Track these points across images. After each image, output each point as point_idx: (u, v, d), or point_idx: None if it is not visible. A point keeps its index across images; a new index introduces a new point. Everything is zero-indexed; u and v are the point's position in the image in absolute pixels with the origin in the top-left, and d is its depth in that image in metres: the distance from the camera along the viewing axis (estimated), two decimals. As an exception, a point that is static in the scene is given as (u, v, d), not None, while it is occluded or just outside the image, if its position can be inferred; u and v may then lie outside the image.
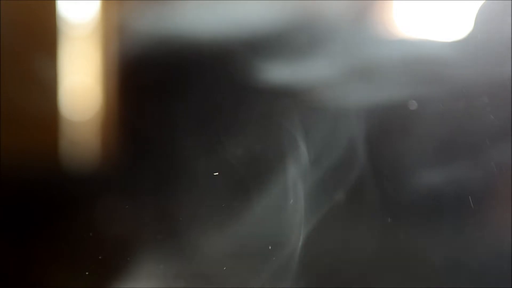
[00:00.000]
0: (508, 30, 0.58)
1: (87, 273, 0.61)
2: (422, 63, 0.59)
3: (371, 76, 0.59)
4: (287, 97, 0.59)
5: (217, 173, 0.59)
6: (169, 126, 0.65)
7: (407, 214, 0.58)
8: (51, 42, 0.67)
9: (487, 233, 0.57)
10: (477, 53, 0.59)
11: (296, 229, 0.58)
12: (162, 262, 0.61)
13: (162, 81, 0.66)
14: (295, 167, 0.58)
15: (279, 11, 0.63)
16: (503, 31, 0.59)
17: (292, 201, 0.58)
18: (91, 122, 0.67)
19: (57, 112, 0.67)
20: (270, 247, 0.59)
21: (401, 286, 0.58)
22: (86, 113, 0.67)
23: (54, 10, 0.67)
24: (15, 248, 0.63)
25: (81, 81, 0.67)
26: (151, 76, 0.67)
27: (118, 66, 0.67)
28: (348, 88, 0.59)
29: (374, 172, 0.59)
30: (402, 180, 0.58)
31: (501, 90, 0.57)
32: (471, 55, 0.59)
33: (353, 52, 0.60)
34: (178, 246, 0.61)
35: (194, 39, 0.64)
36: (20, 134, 0.66)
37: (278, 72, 0.60)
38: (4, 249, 0.63)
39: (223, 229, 0.60)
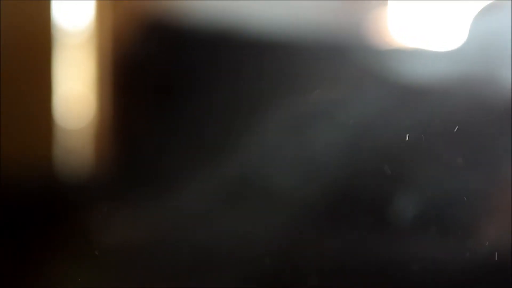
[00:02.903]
0: (502, 38, 0.59)
1: (83, 276, 0.61)
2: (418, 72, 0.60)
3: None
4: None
5: None
6: (163, 132, 0.65)
7: (405, 216, 0.58)
8: (46, 50, 0.67)
9: (487, 233, 0.57)
10: (473, 62, 0.59)
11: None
12: (157, 267, 0.61)
13: (157, 88, 0.66)
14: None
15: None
16: (497, 40, 0.59)
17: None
18: (85, 130, 0.67)
19: (52, 120, 0.67)
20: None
21: (398, 286, 0.58)
22: (81, 121, 0.67)
23: (49, 18, 0.67)
24: (11, 253, 0.63)
25: (76, 89, 0.67)
26: (146, 83, 0.67)
27: (113, 74, 0.67)
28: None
29: (371, 177, 0.59)
30: (399, 184, 0.59)
31: (499, 97, 0.57)
32: (466, 64, 0.59)
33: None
34: (173, 251, 0.61)
35: (197, 39, 0.64)
36: (15, 142, 0.66)
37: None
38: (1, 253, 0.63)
39: (219, 233, 0.60)
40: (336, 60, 0.61)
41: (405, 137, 0.58)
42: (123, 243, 0.62)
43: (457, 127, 0.56)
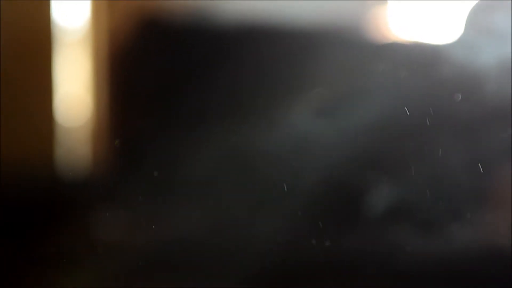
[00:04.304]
0: (499, 30, 0.59)
1: (82, 277, 0.61)
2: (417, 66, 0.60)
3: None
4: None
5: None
6: (162, 130, 0.65)
7: (404, 214, 0.58)
8: (46, 48, 0.66)
9: (487, 232, 0.58)
10: (471, 54, 0.59)
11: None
12: (157, 267, 0.61)
13: (155, 86, 0.66)
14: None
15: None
16: (495, 32, 0.59)
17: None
18: (84, 128, 0.67)
19: (51, 118, 0.67)
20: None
21: (397, 286, 0.58)
22: (79, 119, 0.67)
23: (49, 17, 0.66)
24: (11, 253, 0.63)
25: (75, 87, 0.67)
26: (143, 80, 0.67)
27: (111, 72, 0.67)
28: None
29: (369, 172, 0.59)
30: (398, 181, 0.59)
31: (500, 90, 0.57)
32: (465, 56, 0.59)
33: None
34: (173, 251, 0.61)
35: (193, 37, 0.64)
36: (15, 141, 0.66)
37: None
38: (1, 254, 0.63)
39: (219, 233, 0.60)
40: (337, 57, 0.61)
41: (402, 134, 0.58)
42: (123, 243, 0.62)
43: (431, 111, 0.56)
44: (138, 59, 0.66)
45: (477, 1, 0.61)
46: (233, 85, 0.63)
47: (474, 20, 0.60)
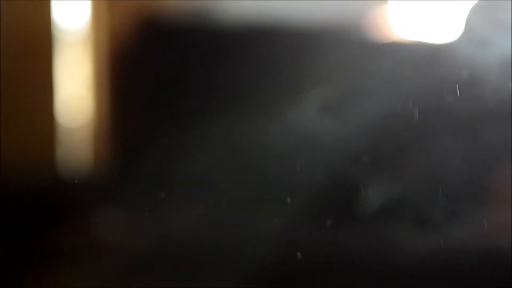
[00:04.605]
0: (499, 30, 0.59)
1: (82, 277, 0.61)
2: (417, 66, 0.60)
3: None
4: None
5: None
6: (162, 130, 0.65)
7: (404, 214, 0.58)
8: (46, 49, 0.67)
9: (487, 232, 0.58)
10: (471, 53, 0.59)
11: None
12: (157, 267, 0.61)
13: (155, 86, 0.66)
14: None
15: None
16: (495, 32, 0.59)
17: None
18: (85, 128, 0.67)
19: (52, 119, 0.67)
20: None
21: (396, 286, 0.58)
22: (80, 120, 0.67)
23: (49, 18, 0.66)
24: (11, 253, 0.63)
25: (75, 88, 0.67)
26: (144, 81, 0.67)
27: (111, 72, 0.67)
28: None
29: (369, 171, 0.59)
30: (396, 178, 0.59)
31: (500, 89, 0.57)
32: (465, 56, 0.59)
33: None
34: (173, 251, 0.61)
35: (193, 37, 0.64)
36: (15, 141, 0.66)
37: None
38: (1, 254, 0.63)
39: (215, 234, 0.60)
40: (337, 56, 0.61)
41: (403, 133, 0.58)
42: (123, 243, 0.62)
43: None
44: (138, 60, 0.66)
45: (477, 1, 0.61)
46: (233, 85, 0.63)
47: (474, 20, 0.60)
